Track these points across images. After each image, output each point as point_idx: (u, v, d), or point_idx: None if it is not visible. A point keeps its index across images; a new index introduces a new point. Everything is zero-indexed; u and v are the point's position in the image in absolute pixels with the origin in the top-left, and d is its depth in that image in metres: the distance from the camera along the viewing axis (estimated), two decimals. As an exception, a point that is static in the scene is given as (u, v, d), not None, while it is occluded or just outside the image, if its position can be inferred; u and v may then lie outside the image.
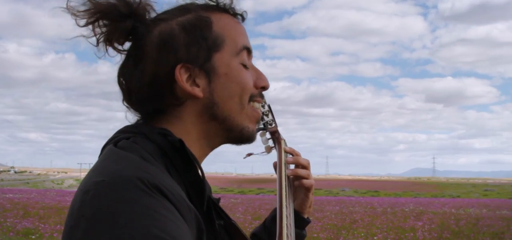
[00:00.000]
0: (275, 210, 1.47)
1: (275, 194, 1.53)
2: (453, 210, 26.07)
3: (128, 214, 0.94)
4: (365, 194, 60.77)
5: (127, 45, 1.29)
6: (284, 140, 1.68)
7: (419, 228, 16.54)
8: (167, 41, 1.23)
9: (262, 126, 1.62)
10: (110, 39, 1.27)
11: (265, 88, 1.36)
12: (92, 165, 1.17)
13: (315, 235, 14.55)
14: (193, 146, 1.25)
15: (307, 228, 1.74)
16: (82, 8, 1.24)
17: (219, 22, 1.29)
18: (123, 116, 1.30)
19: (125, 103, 1.30)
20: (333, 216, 21.17)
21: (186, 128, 1.26)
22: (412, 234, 15.40)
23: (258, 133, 1.63)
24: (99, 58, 1.29)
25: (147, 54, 1.24)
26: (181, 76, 1.22)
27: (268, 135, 1.67)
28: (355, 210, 25.15)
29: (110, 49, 1.28)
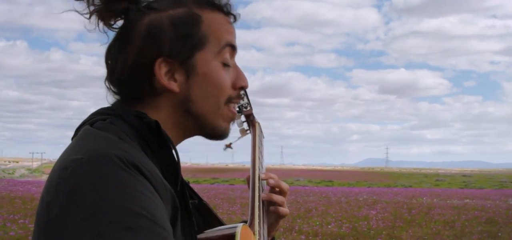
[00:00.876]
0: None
1: (230, 184, 1.51)
2: (405, 200, 26.49)
3: (106, 190, 0.95)
4: (320, 184, 61.00)
5: (119, 23, 1.29)
6: (259, 123, 1.68)
7: (373, 217, 16.82)
8: (153, 33, 1.23)
9: (237, 109, 1.59)
10: (103, 15, 1.27)
11: (244, 88, 1.36)
12: (44, 155, 1.18)
13: (271, 223, 14.59)
14: (167, 132, 1.25)
15: None
16: None
17: (209, 20, 1.28)
18: (76, 105, 1.33)
19: (106, 84, 1.30)
20: (288, 205, 21.20)
21: (161, 117, 1.26)
22: (366, 222, 15.63)
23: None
24: (89, 31, 1.28)
25: (133, 41, 1.24)
26: (160, 69, 1.23)
27: (243, 118, 1.67)
28: (310, 199, 25.31)
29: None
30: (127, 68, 1.24)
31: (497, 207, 22.32)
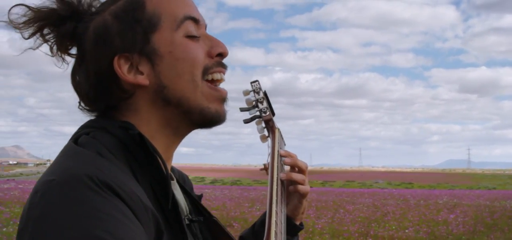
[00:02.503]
0: (265, 213, 1.35)
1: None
2: (487, 202, 25.66)
3: (72, 215, 0.90)
4: (399, 186, 60.30)
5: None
6: (279, 129, 1.57)
7: (452, 221, 16.32)
8: (101, 34, 1.17)
9: (257, 113, 1.53)
10: (59, 46, 1.21)
11: (222, 55, 1.26)
12: None
13: (345, 227, 14.46)
14: (156, 136, 1.20)
15: (337, 220, 1.63)
16: (23, 19, 1.19)
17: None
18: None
19: (80, 107, 1.23)
20: (365, 208, 21.02)
21: (144, 119, 1.19)
22: (445, 227, 15.19)
23: (254, 122, 1.55)
24: (58, 67, 1.23)
25: (86, 53, 1.18)
26: (121, 67, 1.16)
27: (263, 124, 1.56)
28: (388, 202, 24.92)
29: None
30: (91, 82, 1.18)
31: None
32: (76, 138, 1.13)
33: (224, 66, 1.27)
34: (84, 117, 1.22)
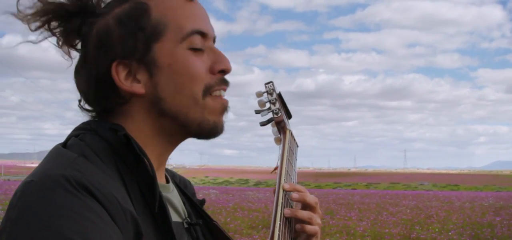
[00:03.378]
0: None
1: (352, 189, 1.36)
2: (535, 205, 25.06)
3: (45, 216, 0.91)
4: (445, 188, 59.31)
5: None
6: (290, 131, 1.55)
7: (498, 223, 15.96)
8: (102, 38, 1.16)
9: (271, 115, 1.52)
10: (65, 41, 1.22)
11: (225, 71, 1.23)
12: None
13: (387, 230, 14.30)
14: (149, 144, 1.19)
15: (380, 223, 1.55)
16: (30, 11, 1.19)
17: (160, 6, 1.18)
18: None
19: (80, 106, 1.25)
20: (408, 210, 20.75)
21: (138, 126, 1.19)
22: (489, 229, 14.89)
23: (270, 124, 1.53)
24: (66, 60, 1.23)
25: (88, 55, 1.18)
26: (119, 74, 1.16)
27: (277, 126, 1.55)
28: (432, 204, 24.50)
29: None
30: (90, 84, 1.18)
31: None
32: (66, 140, 1.15)
33: (226, 83, 1.24)
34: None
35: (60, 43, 1.22)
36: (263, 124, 1.53)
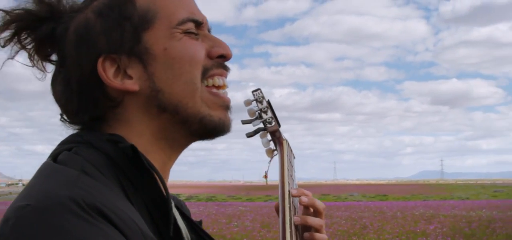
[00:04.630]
0: None
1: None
2: (463, 213, 25.69)
3: None
4: (374, 198, 60.26)
5: None
6: (287, 141, 1.41)
7: (431, 232, 16.30)
8: (82, 34, 1.01)
9: (261, 125, 1.37)
10: (38, 52, 1.06)
11: (225, 57, 1.10)
12: None
13: (326, 242, 14.33)
14: (150, 151, 1.03)
15: None
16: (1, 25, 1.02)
17: None
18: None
19: (61, 119, 1.07)
20: (343, 221, 20.96)
21: (135, 131, 1.03)
22: (424, 238, 15.18)
23: (258, 135, 1.38)
24: (38, 79, 1.08)
25: (67, 57, 1.02)
26: (106, 71, 1.01)
27: (268, 136, 1.40)
28: (365, 215, 24.86)
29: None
30: (73, 90, 1.02)
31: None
32: (55, 156, 0.97)
33: (226, 68, 1.12)
34: (58, 136, 1.05)
35: (32, 55, 1.06)
36: (250, 135, 1.38)
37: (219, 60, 1.10)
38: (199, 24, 1.09)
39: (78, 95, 1.02)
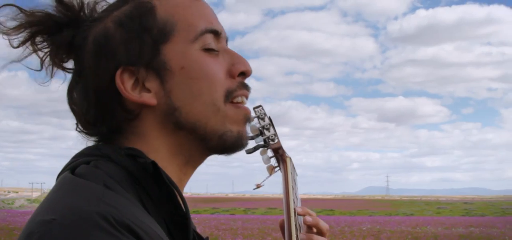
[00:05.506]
0: None
1: (231, 214, 1.26)
2: (409, 228, 26.22)
3: None
4: (320, 212, 60.75)
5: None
6: (290, 158, 1.38)
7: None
8: (102, 44, 0.98)
9: (262, 142, 1.33)
10: (53, 58, 1.02)
11: (245, 73, 1.07)
12: (44, 185, 0.90)
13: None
14: (167, 167, 0.99)
15: None
16: (13, 23, 0.98)
17: (165, 4, 1.02)
18: (75, 135, 1.04)
19: (77, 129, 1.03)
20: None
21: (152, 145, 1.00)
22: (372, 253, 15.30)
23: (258, 151, 1.34)
24: (44, 84, 1.05)
25: (85, 67, 0.99)
26: (124, 83, 0.97)
27: (270, 153, 1.37)
28: (312, 229, 25.03)
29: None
30: (91, 100, 0.99)
31: (503, 235, 22.07)
32: (72, 168, 0.92)
33: (247, 88, 1.09)
34: (0, 142, 1.00)
35: (46, 59, 1.02)
36: (249, 151, 1.33)
37: (240, 78, 1.07)
38: (218, 34, 1.06)
39: (96, 106, 1.00)
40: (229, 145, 1.05)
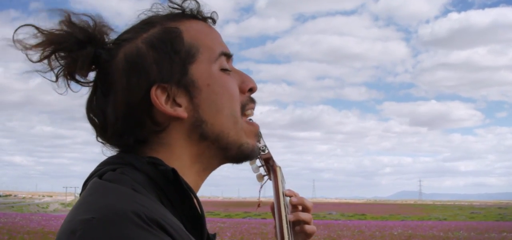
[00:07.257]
0: None
1: (262, 218, 1.39)
2: (441, 234, 25.93)
3: None
4: (352, 217, 60.44)
5: (90, 76, 1.15)
6: (280, 167, 1.51)
7: (409, 252, 16.39)
8: (135, 62, 1.10)
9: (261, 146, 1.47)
10: (70, 72, 1.13)
11: (253, 90, 1.23)
12: (78, 189, 1.04)
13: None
14: (187, 173, 1.12)
15: None
16: (33, 41, 1.10)
17: (190, 31, 1.16)
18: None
19: (99, 139, 1.15)
20: (321, 240, 21.01)
21: (176, 154, 1.12)
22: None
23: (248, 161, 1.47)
24: (61, 94, 1.15)
25: (116, 82, 1.11)
26: (159, 98, 1.09)
27: (258, 163, 1.50)
28: (344, 234, 24.96)
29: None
30: (120, 114, 1.11)
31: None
32: (100, 175, 1.04)
33: (254, 102, 1.24)
34: (34, 147, 1.13)
35: (62, 74, 1.13)
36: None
37: (249, 93, 1.22)
38: (230, 56, 1.22)
39: (125, 118, 1.11)
40: (245, 155, 1.19)
